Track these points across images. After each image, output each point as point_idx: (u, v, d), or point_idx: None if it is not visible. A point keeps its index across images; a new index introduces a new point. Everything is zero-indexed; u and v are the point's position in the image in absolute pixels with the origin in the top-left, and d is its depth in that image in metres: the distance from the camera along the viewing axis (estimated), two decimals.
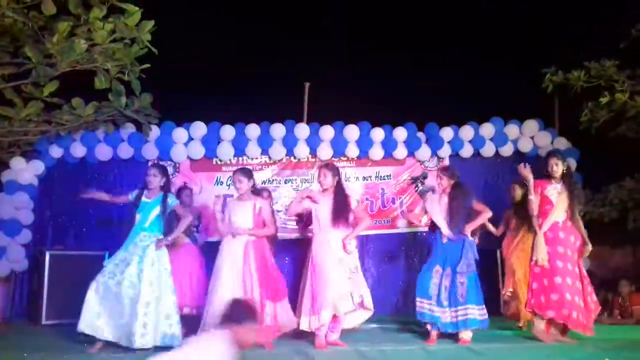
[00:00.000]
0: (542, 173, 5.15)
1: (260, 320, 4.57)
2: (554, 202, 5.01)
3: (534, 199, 5.06)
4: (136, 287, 4.49)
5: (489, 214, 5.20)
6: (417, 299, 4.99)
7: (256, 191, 5.27)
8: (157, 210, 4.78)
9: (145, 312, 4.42)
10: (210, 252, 5.42)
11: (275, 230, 5.29)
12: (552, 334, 4.87)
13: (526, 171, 5.07)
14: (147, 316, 4.42)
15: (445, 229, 5.02)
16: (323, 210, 4.96)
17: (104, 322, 4.44)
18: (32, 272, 6.58)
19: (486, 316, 4.87)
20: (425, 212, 5.27)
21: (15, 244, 6.48)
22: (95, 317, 4.43)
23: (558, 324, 4.90)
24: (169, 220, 4.87)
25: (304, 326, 4.72)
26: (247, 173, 5.01)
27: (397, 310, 6.86)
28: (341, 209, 4.92)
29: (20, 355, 4.28)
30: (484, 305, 4.92)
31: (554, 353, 4.27)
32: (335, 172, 5.07)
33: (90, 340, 4.55)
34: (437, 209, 5.08)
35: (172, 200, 4.89)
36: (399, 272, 7.05)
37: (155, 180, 4.83)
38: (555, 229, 4.99)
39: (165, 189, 4.90)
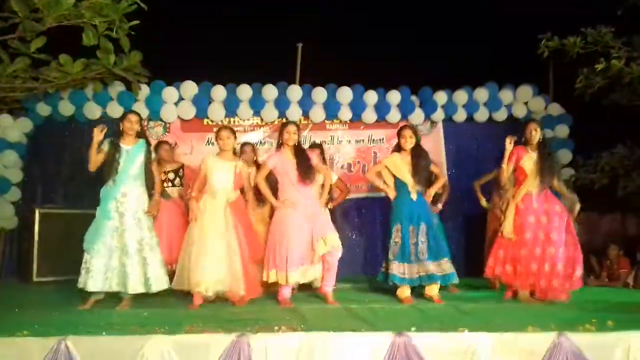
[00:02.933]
0: (520, 140, 5.15)
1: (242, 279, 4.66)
2: (528, 173, 5.02)
3: (504, 167, 5.08)
4: (134, 235, 4.54)
5: (444, 179, 5.39)
6: (386, 263, 5.05)
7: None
8: (141, 158, 4.70)
9: (138, 261, 4.51)
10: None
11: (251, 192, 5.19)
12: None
13: (507, 142, 5.10)
14: (139, 264, 4.51)
15: (413, 185, 5.03)
16: (289, 168, 4.92)
17: (101, 276, 4.46)
18: (22, 230, 6.57)
19: (447, 272, 4.93)
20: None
21: (4, 202, 6.46)
22: (96, 275, 4.44)
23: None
24: (151, 171, 4.78)
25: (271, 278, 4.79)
26: (233, 131, 4.97)
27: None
28: (306, 165, 4.91)
29: (11, 311, 4.29)
30: (447, 260, 4.97)
31: (542, 314, 4.32)
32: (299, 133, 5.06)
33: (83, 296, 4.56)
34: (404, 169, 5.07)
35: (152, 151, 4.88)
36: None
37: (134, 126, 4.71)
38: (529, 200, 5.01)
39: (142, 135, 4.83)
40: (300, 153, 4.97)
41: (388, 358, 3.32)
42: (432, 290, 4.96)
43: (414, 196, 5.05)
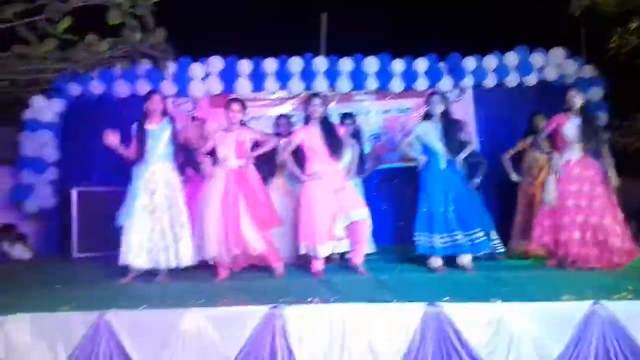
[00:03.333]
0: (562, 107, 5.03)
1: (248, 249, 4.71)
2: (569, 139, 4.91)
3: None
4: (165, 212, 4.64)
5: (473, 145, 5.31)
6: (416, 233, 5.02)
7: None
8: (166, 136, 4.77)
9: (171, 236, 4.62)
10: None
11: (274, 140, 5.17)
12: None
13: None
14: (172, 240, 4.62)
15: (443, 152, 4.98)
16: (315, 142, 4.89)
17: (142, 251, 4.58)
18: (60, 208, 6.75)
19: (477, 242, 4.88)
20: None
21: (42, 182, 6.63)
22: (131, 250, 4.57)
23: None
24: (179, 146, 4.86)
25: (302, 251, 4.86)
26: (243, 104, 4.99)
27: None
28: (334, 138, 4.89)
29: (52, 287, 4.44)
30: (481, 230, 4.93)
31: (576, 280, 4.28)
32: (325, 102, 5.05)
33: (123, 272, 4.70)
34: (434, 136, 5.01)
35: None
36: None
37: (159, 106, 4.79)
38: (569, 167, 4.92)
39: (166, 114, 4.89)
40: (327, 127, 4.94)
41: (420, 328, 3.36)
42: (464, 259, 4.95)
43: (443, 164, 5.00)
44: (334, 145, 4.88)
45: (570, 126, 4.95)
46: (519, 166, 5.99)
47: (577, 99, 4.94)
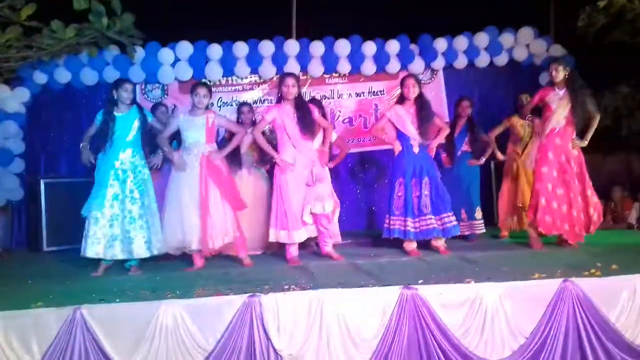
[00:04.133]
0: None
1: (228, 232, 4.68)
2: (553, 108, 4.98)
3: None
4: (136, 201, 4.57)
5: (447, 130, 5.26)
6: (389, 217, 5.04)
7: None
8: (136, 124, 4.68)
9: (141, 225, 4.56)
10: None
11: (243, 131, 5.12)
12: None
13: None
14: (142, 229, 4.56)
15: (417, 137, 4.98)
16: (288, 121, 4.85)
17: (102, 243, 4.51)
18: (28, 201, 6.61)
19: (448, 226, 4.95)
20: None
21: (8, 174, 6.49)
22: (97, 242, 4.49)
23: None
24: (148, 136, 4.75)
25: (273, 238, 4.85)
26: (209, 89, 4.88)
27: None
28: (306, 118, 4.84)
29: (24, 283, 4.37)
30: (450, 214, 4.99)
31: (547, 259, 4.38)
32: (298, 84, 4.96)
33: (95, 265, 4.64)
34: (407, 120, 5.01)
35: (147, 114, 4.82)
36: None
37: (130, 95, 4.68)
38: (551, 136, 4.99)
39: (135, 102, 4.79)
40: (300, 106, 4.87)
41: (397, 311, 3.40)
42: (438, 241, 5.01)
43: (416, 149, 5.01)
44: (307, 125, 4.82)
45: (554, 96, 5.00)
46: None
47: (558, 72, 4.97)
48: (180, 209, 4.64)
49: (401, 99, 5.11)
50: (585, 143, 4.99)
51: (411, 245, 5.00)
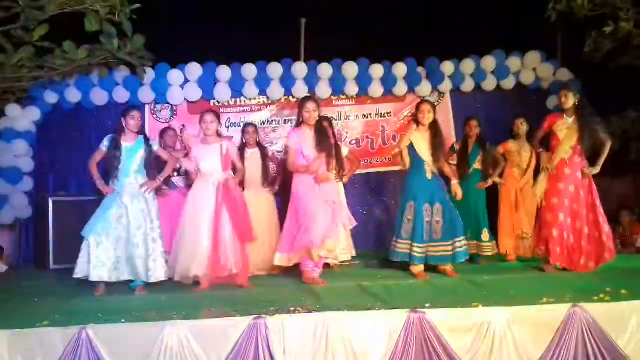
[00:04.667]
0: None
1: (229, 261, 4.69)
2: (561, 138, 4.96)
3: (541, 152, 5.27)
4: (139, 227, 4.59)
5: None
6: (397, 240, 5.04)
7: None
8: (141, 154, 4.74)
9: (143, 251, 4.57)
10: None
11: (243, 170, 5.17)
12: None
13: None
14: (144, 255, 4.57)
15: (432, 163, 4.99)
16: (307, 146, 4.91)
17: (107, 266, 4.52)
18: (36, 219, 6.64)
19: (457, 251, 4.93)
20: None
21: (17, 192, 6.51)
22: (101, 265, 4.51)
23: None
24: (152, 165, 4.82)
25: (280, 262, 4.91)
26: (217, 115, 4.98)
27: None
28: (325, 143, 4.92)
29: (30, 301, 4.36)
30: (461, 238, 4.99)
31: (555, 283, 4.35)
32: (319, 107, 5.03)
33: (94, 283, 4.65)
34: (423, 145, 5.02)
35: (153, 143, 4.88)
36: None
37: (137, 123, 4.75)
38: (561, 166, 4.97)
39: (142, 131, 4.86)
40: (320, 131, 4.93)
41: (404, 335, 3.37)
42: (445, 265, 4.98)
43: (429, 175, 5.01)
44: (325, 150, 4.87)
45: (562, 125, 4.98)
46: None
47: (568, 99, 4.96)
48: (193, 236, 4.67)
49: (416, 124, 5.10)
50: (597, 170, 4.99)
51: (418, 268, 4.97)
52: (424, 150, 4.99)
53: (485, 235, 5.76)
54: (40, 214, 6.49)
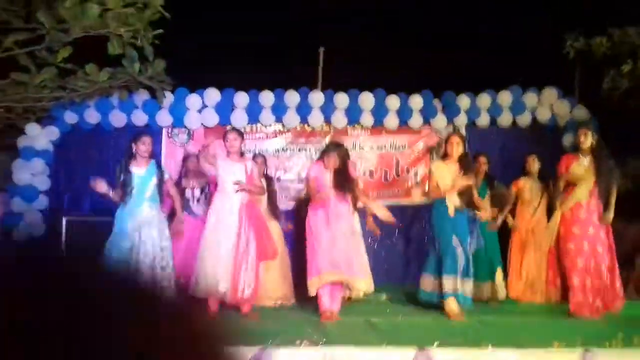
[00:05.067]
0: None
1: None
2: (577, 180, 4.88)
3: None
4: (149, 253, 4.63)
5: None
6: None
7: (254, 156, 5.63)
8: (154, 181, 4.79)
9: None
10: None
11: (263, 191, 5.26)
12: None
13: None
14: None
15: (457, 201, 4.89)
16: (326, 181, 4.95)
17: None
18: (49, 237, 6.68)
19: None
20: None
21: (32, 210, 6.59)
22: None
23: None
24: (164, 192, 4.90)
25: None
26: (240, 133, 5.08)
27: (412, 280, 6.91)
28: (343, 183, 4.93)
29: None
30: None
31: (567, 328, 4.27)
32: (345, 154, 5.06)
33: None
34: (448, 178, 4.93)
35: (164, 171, 4.95)
36: (413, 242, 7.02)
37: (148, 148, 4.81)
38: (577, 210, 4.87)
39: (153, 156, 4.94)
40: (341, 173, 4.93)
41: None
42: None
43: (451, 212, 4.84)
44: (342, 185, 4.88)
45: (579, 166, 4.91)
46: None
47: (587, 138, 4.90)
48: (216, 253, 4.69)
49: (444, 155, 5.06)
50: (611, 216, 4.90)
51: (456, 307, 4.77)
52: (449, 183, 4.88)
53: (499, 274, 5.66)
54: (53, 232, 6.54)
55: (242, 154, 5.06)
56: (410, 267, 7.05)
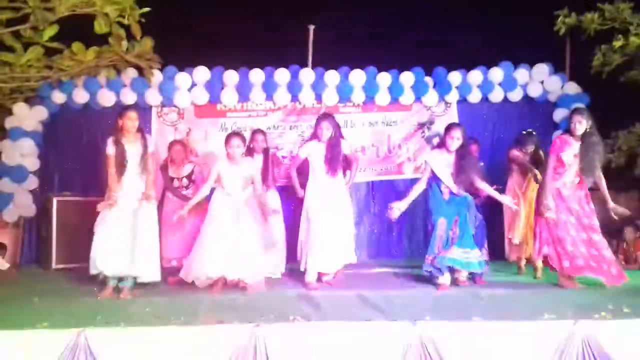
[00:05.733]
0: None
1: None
2: (568, 165, 4.95)
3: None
4: (138, 226, 4.67)
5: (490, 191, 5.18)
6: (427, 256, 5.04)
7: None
8: (140, 152, 4.79)
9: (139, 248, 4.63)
10: None
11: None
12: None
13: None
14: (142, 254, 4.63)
15: (452, 185, 4.99)
16: (318, 159, 5.19)
17: (109, 258, 4.58)
18: (40, 218, 6.66)
19: (477, 260, 4.93)
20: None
21: (22, 190, 6.55)
22: (105, 256, 4.58)
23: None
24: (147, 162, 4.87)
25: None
26: (243, 138, 5.12)
27: (404, 255, 7.03)
28: (335, 158, 5.17)
29: (31, 301, 4.37)
30: (478, 250, 5.00)
31: (558, 300, 4.31)
32: (335, 125, 5.28)
33: (101, 285, 4.67)
34: (441, 164, 5.04)
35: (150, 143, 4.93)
36: (405, 218, 7.01)
37: (135, 123, 4.79)
38: (563, 188, 4.98)
39: (140, 130, 4.90)
40: (334, 146, 5.19)
41: (403, 347, 3.35)
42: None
43: (446, 196, 5.04)
44: (333, 164, 5.13)
45: (570, 151, 4.96)
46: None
47: (582, 124, 4.90)
48: (213, 239, 4.80)
49: (441, 145, 5.13)
50: (613, 204, 5.01)
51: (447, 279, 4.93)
52: (446, 175, 5.02)
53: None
54: (43, 213, 6.50)
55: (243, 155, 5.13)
56: (402, 242, 7.17)
